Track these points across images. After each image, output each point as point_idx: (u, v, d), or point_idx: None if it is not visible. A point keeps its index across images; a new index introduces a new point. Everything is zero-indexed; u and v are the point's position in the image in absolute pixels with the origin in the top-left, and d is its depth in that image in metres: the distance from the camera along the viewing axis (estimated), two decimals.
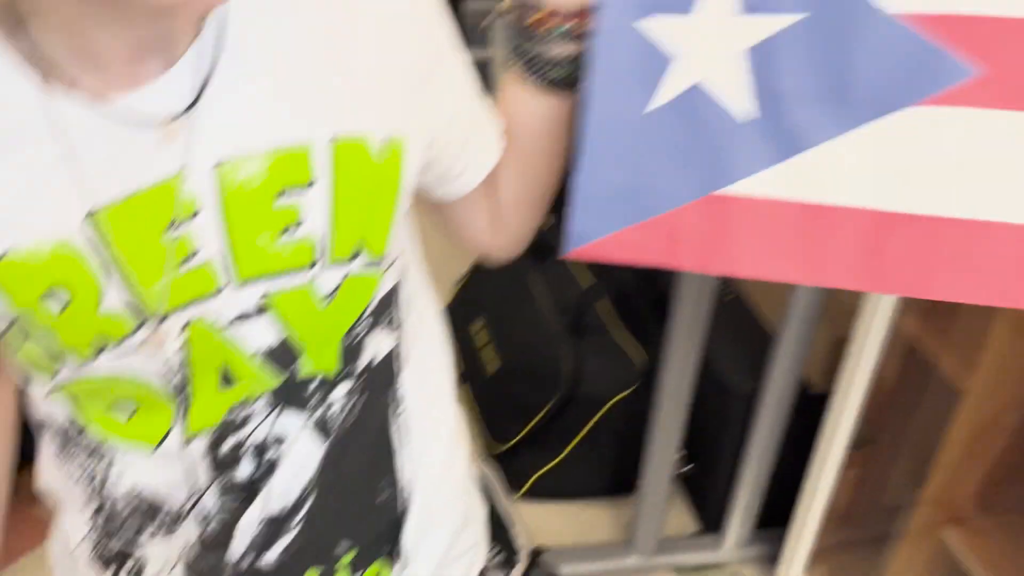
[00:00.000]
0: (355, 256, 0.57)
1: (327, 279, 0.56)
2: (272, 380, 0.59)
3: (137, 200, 0.52)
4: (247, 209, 0.53)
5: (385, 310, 0.62)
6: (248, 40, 0.53)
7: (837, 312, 1.31)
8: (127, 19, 0.48)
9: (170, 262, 0.53)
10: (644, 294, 1.65)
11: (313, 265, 0.55)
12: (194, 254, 0.53)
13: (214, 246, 0.53)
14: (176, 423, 0.59)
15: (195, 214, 0.53)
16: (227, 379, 0.58)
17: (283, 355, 0.58)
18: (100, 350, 0.55)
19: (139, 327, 0.54)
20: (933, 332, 1.16)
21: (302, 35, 0.54)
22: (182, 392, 0.58)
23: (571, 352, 1.56)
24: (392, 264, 0.62)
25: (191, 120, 0.52)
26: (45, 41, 0.49)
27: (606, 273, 1.70)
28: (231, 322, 0.55)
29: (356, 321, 0.60)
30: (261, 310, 0.56)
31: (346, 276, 0.57)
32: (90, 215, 0.51)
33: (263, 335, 0.57)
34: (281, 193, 0.54)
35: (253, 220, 0.54)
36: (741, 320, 1.57)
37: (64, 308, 0.53)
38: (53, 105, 0.50)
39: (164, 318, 0.54)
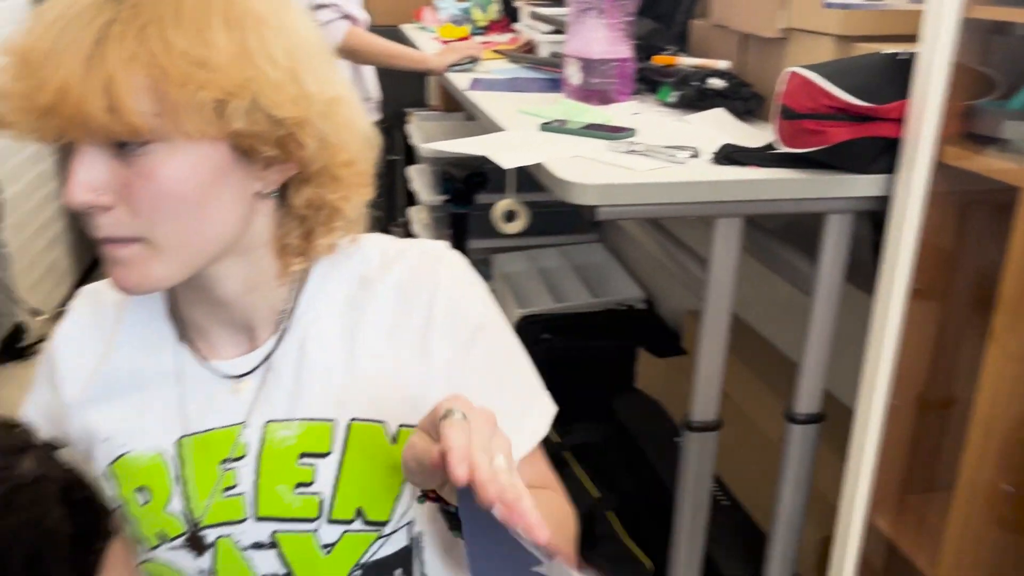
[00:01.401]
0: (355, 518, 0.73)
1: (328, 532, 0.72)
2: None
3: (210, 437, 0.73)
4: (276, 463, 0.73)
5: (386, 567, 0.75)
6: (309, 334, 0.73)
7: (821, 513, 1.47)
8: (211, 307, 0.72)
9: (217, 488, 0.73)
10: (647, 504, 1.81)
11: (317, 518, 0.72)
12: (233, 487, 0.73)
13: (247, 484, 0.73)
14: None
15: (242, 457, 0.73)
16: None
17: None
18: (160, 542, 0.74)
19: (186, 531, 0.73)
20: (905, 529, 1.33)
21: (357, 335, 0.73)
22: None
23: (586, 560, 1.69)
24: (401, 529, 0.74)
25: (256, 384, 0.73)
26: (184, 312, 0.74)
27: (610, 485, 1.87)
28: (248, 547, 0.74)
29: (351, 571, 0.74)
30: (272, 544, 0.73)
31: (344, 533, 0.73)
32: (179, 440, 0.73)
33: (270, 564, 0.73)
34: (303, 455, 0.72)
35: (278, 472, 0.73)
36: (737, 523, 1.72)
37: (145, 503, 0.74)
38: (180, 356, 0.74)
39: (202, 529, 0.73)
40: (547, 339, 2.24)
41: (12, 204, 2.67)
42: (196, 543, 0.73)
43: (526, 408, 0.77)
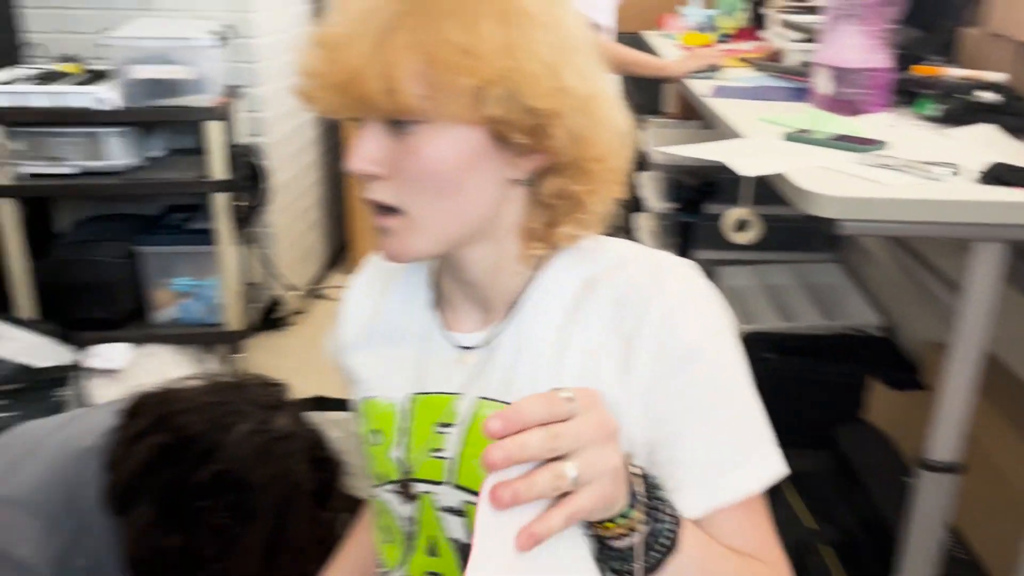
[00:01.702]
0: None
1: None
2: (457, 570, 0.77)
3: (434, 399, 0.78)
4: (480, 438, 0.75)
5: None
6: (531, 323, 0.76)
7: None
8: (459, 283, 0.77)
9: (426, 446, 0.78)
10: (868, 543, 1.69)
11: None
12: (441, 450, 0.77)
13: (453, 451, 0.77)
14: (401, 563, 0.81)
15: (452, 424, 0.77)
16: (432, 550, 0.79)
17: (468, 554, 0.77)
18: (381, 483, 0.81)
19: (399, 479, 0.79)
20: None
21: (571, 333, 0.73)
22: (409, 541, 0.80)
23: None
24: None
25: (480, 360, 0.77)
26: (441, 282, 0.80)
27: (828, 518, 1.76)
28: (442, 509, 0.78)
29: None
30: (461, 512, 0.77)
31: None
32: (412, 395, 0.79)
33: (458, 530, 0.77)
34: None
35: (480, 447, 0.74)
36: None
37: (376, 444, 0.81)
38: (430, 321, 0.80)
39: (411, 480, 0.78)
40: (770, 359, 2.15)
41: (280, 191, 2.98)
42: (405, 491, 0.80)
43: (737, 456, 0.69)
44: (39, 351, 2.29)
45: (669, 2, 3.61)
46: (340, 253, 3.75)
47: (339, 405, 2.05)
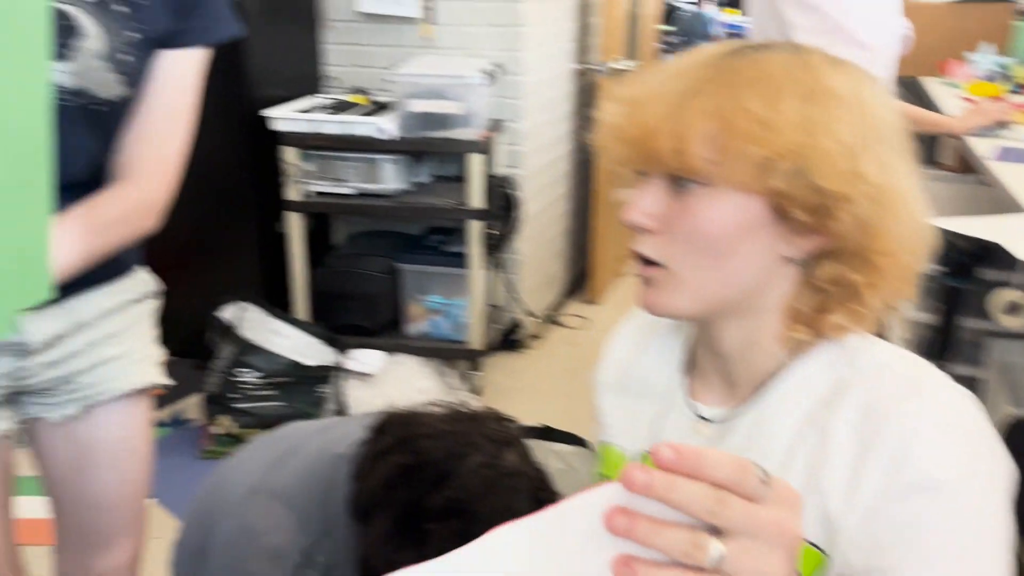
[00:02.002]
0: None
1: None
2: None
3: None
4: None
5: None
6: (771, 413, 0.73)
7: None
8: (709, 352, 0.77)
9: None
10: None
11: None
12: None
13: None
14: None
15: None
16: None
17: None
18: None
19: None
20: None
21: (807, 434, 0.70)
22: None
23: None
24: None
25: (714, 435, 0.76)
26: (695, 346, 0.81)
27: None
28: None
29: None
30: None
31: None
32: (644, 452, 0.80)
33: None
34: None
35: None
36: None
37: None
38: (676, 382, 0.81)
39: None
40: None
41: (529, 220, 3.11)
42: None
43: None
44: (308, 350, 2.56)
45: (955, 46, 3.33)
46: (579, 283, 3.83)
47: (564, 437, 2.10)
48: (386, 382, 2.68)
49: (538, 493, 1.10)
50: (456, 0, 2.86)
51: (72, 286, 1.04)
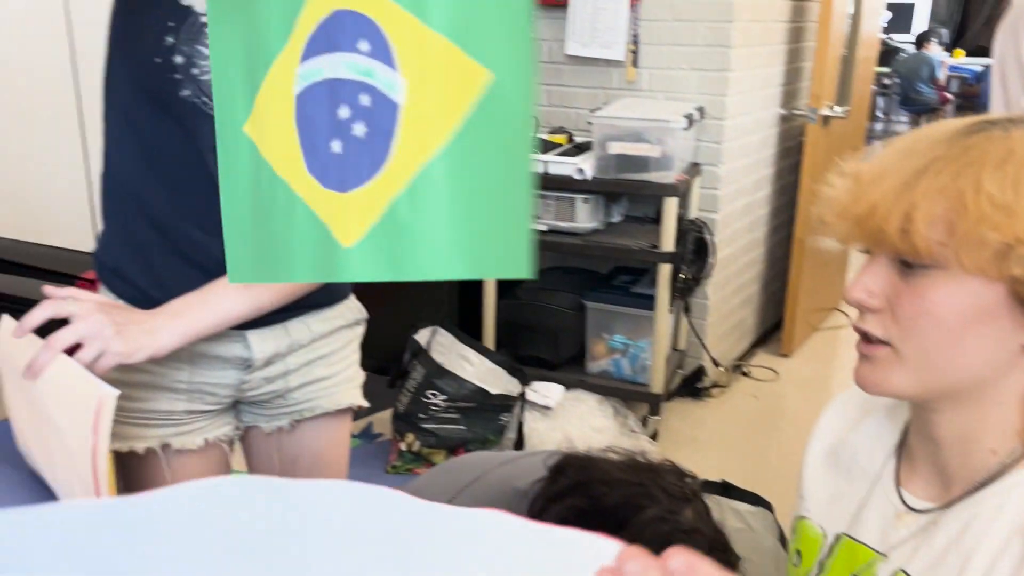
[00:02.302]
0: None
1: None
2: None
3: (859, 548, 0.76)
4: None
5: None
6: (981, 518, 0.67)
7: None
8: (923, 438, 0.73)
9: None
10: None
11: None
12: None
13: None
14: None
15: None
16: None
17: None
18: None
19: None
20: None
21: (1019, 554, 0.64)
22: None
23: None
24: None
25: (918, 529, 0.72)
26: (910, 430, 0.77)
27: None
28: None
29: None
30: None
31: None
32: (841, 533, 0.78)
33: None
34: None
35: None
36: None
37: (795, 565, 0.82)
38: (887, 465, 0.78)
39: None
40: None
41: (721, 265, 3.05)
42: None
43: None
44: (492, 378, 2.64)
45: None
46: (771, 333, 3.70)
47: (744, 495, 2.03)
48: (564, 417, 2.72)
49: (714, 553, 1.08)
50: (662, 45, 2.88)
51: (291, 309, 1.15)
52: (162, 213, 1.08)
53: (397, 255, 0.80)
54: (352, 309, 1.29)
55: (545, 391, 2.73)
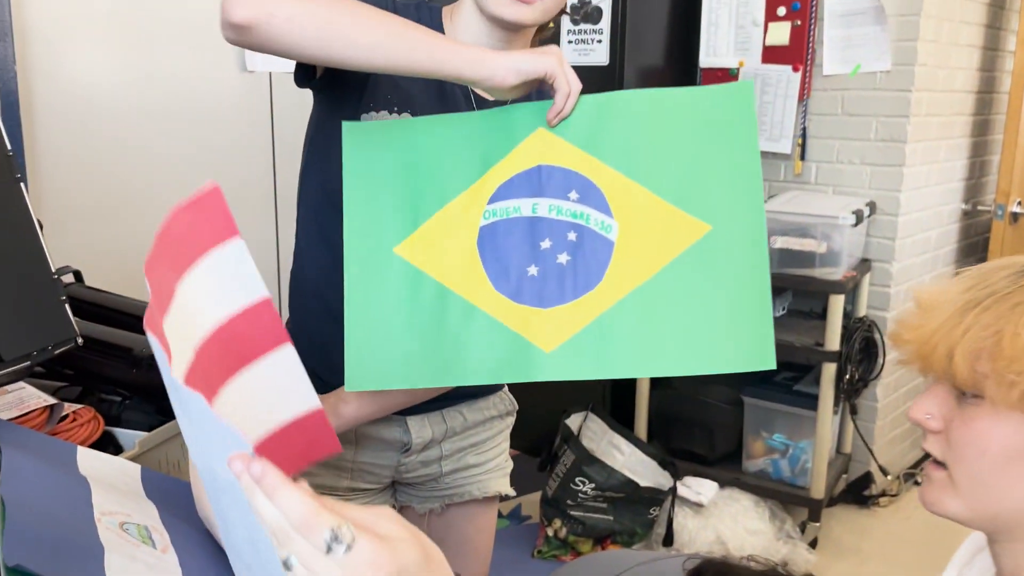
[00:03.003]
0: None
1: None
2: None
3: None
4: None
5: None
6: None
7: None
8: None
9: None
10: None
11: None
12: None
13: None
14: None
15: None
16: None
17: None
18: None
19: None
20: None
21: None
22: None
23: None
24: None
25: None
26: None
27: None
28: None
29: None
30: None
31: None
32: None
33: None
34: None
35: None
36: None
37: None
38: None
39: None
40: None
41: (891, 366, 2.89)
42: None
43: None
44: (643, 469, 2.61)
45: None
46: None
47: None
48: (717, 515, 2.63)
49: None
50: (831, 138, 2.83)
51: (448, 399, 1.21)
52: (339, 309, 1.18)
53: (604, 356, 0.95)
54: (504, 400, 1.35)
55: (698, 487, 2.66)
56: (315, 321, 1.21)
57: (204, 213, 0.68)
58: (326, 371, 1.20)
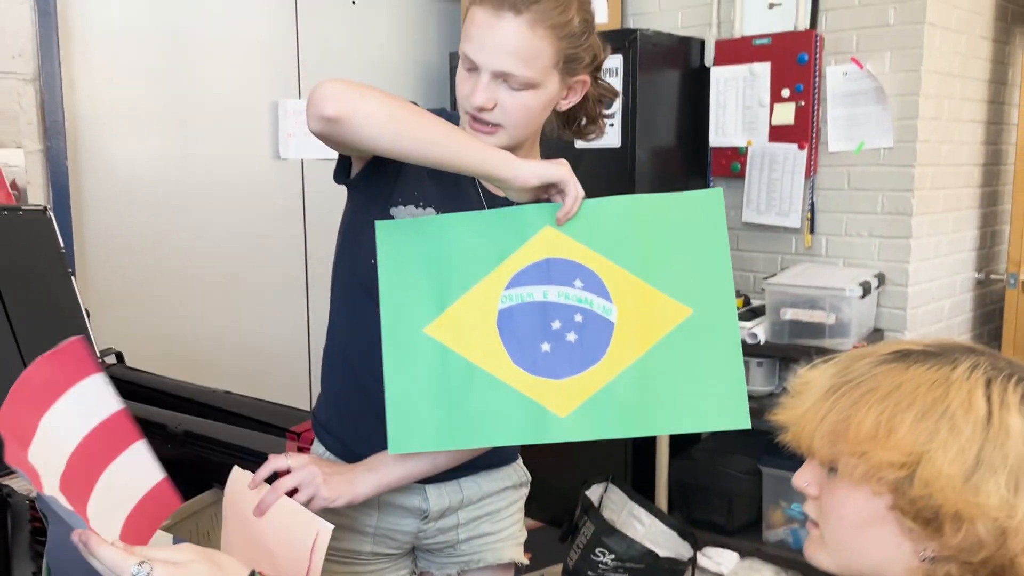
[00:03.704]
0: None
1: None
2: None
3: None
4: None
5: None
6: None
7: None
8: None
9: None
10: None
11: None
12: None
13: None
14: None
15: None
16: None
17: None
18: None
19: None
20: None
21: None
22: None
23: None
24: None
25: None
26: None
27: None
28: None
29: None
30: None
31: None
32: None
33: None
34: None
35: None
36: None
37: None
38: None
39: None
40: None
41: None
42: None
43: None
44: (663, 539, 2.64)
45: None
46: None
47: None
48: None
49: None
50: (839, 212, 2.93)
51: (466, 469, 1.30)
52: (366, 380, 1.29)
53: (608, 420, 1.12)
54: (518, 471, 1.43)
55: (718, 557, 2.68)
56: (346, 392, 1.32)
57: (64, 360, 0.95)
58: (352, 439, 1.30)
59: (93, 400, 0.99)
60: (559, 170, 1.12)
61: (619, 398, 1.13)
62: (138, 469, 1.05)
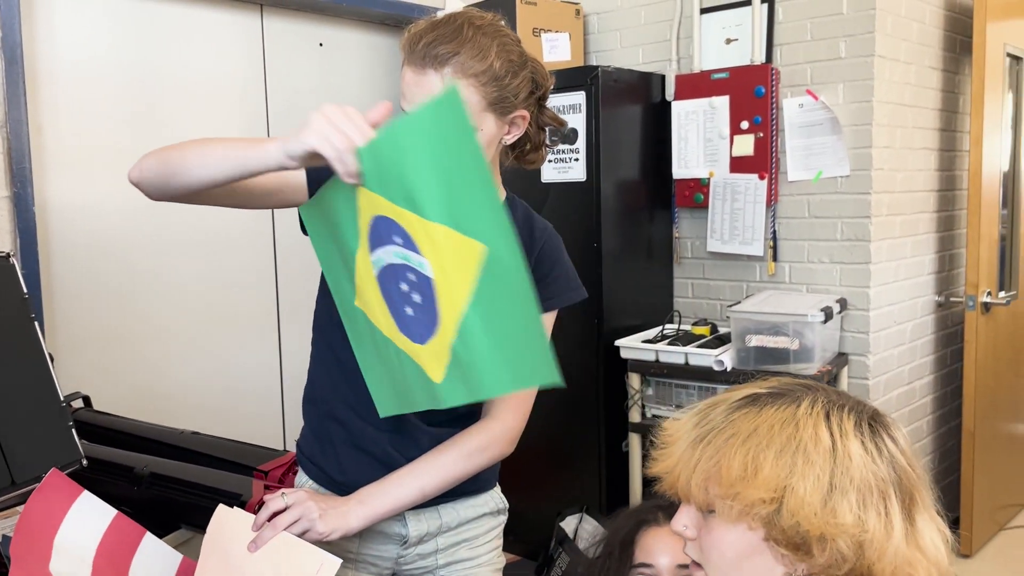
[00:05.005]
0: None
1: None
2: None
3: None
4: None
5: None
6: None
7: None
8: None
9: None
10: None
11: None
12: None
13: None
14: None
15: None
16: None
17: None
18: None
19: None
20: None
21: None
22: None
23: None
24: None
25: None
26: None
27: None
28: None
29: None
30: None
31: None
32: None
33: None
34: None
35: None
36: None
37: None
38: None
39: None
40: None
41: None
42: None
43: None
44: None
45: None
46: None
47: None
48: None
49: None
50: (801, 240, 2.99)
51: (445, 496, 1.32)
52: (346, 415, 1.33)
53: (469, 383, 1.06)
54: (495, 499, 1.45)
55: None
56: (321, 423, 1.38)
57: (52, 491, 1.10)
58: (335, 469, 1.35)
59: (91, 513, 1.12)
60: (306, 140, 0.99)
61: (464, 359, 1.02)
62: (159, 557, 1.19)
